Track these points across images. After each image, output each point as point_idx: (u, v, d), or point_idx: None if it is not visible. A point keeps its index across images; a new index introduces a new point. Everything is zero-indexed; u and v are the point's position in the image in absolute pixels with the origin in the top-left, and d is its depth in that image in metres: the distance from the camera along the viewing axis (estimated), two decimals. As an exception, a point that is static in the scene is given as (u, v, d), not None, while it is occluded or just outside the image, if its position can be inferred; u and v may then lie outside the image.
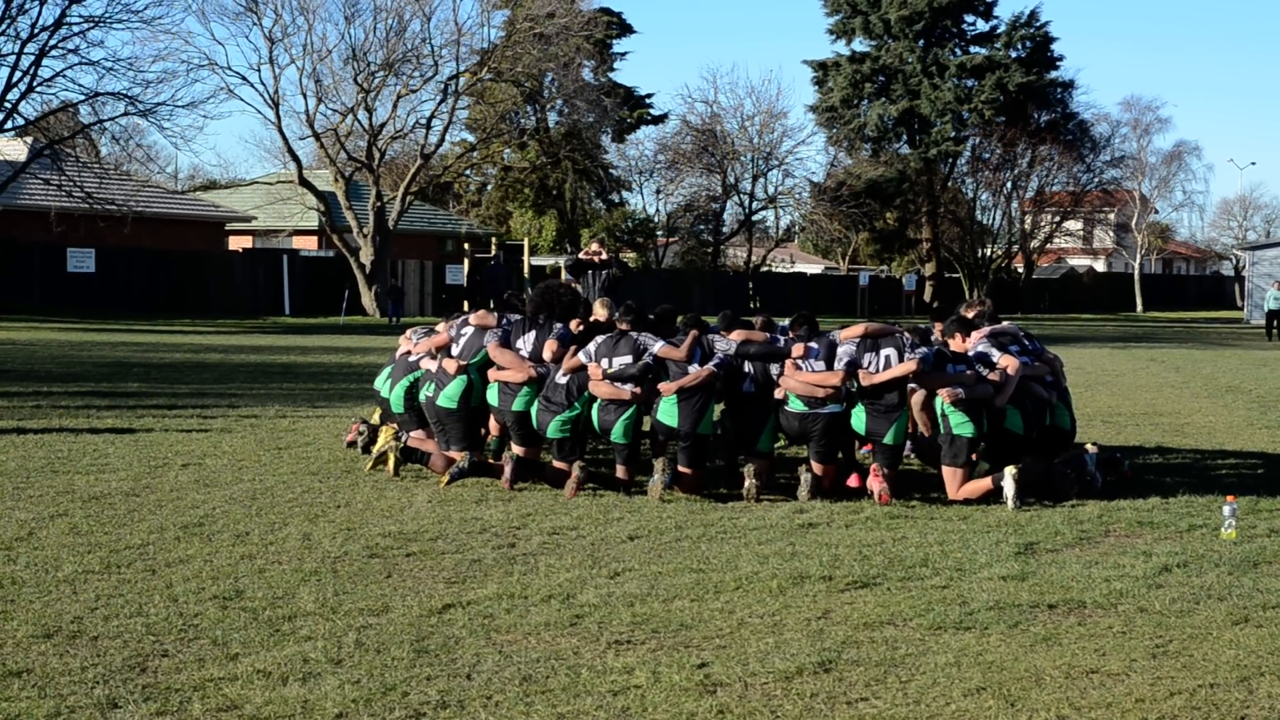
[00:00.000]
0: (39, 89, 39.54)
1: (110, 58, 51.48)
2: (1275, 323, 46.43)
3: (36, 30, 38.62)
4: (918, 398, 11.17)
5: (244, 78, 63.29)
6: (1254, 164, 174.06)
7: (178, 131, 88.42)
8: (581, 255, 15.64)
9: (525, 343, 11.79)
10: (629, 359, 11.30)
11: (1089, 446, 11.94)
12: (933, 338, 11.83)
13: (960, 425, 11.04)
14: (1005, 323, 12.69)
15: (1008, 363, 11.40)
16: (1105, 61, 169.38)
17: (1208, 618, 7.39)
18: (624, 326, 11.59)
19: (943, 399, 11.05)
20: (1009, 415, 11.35)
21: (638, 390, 11.24)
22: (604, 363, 11.32)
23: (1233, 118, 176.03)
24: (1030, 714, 5.78)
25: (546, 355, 11.62)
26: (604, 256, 15.68)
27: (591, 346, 11.47)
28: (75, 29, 39.25)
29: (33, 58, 38.56)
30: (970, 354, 11.55)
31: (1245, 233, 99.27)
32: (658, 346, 11.37)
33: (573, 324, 12.03)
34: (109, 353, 26.37)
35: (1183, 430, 16.52)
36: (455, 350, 11.96)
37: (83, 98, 40.50)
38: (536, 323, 11.92)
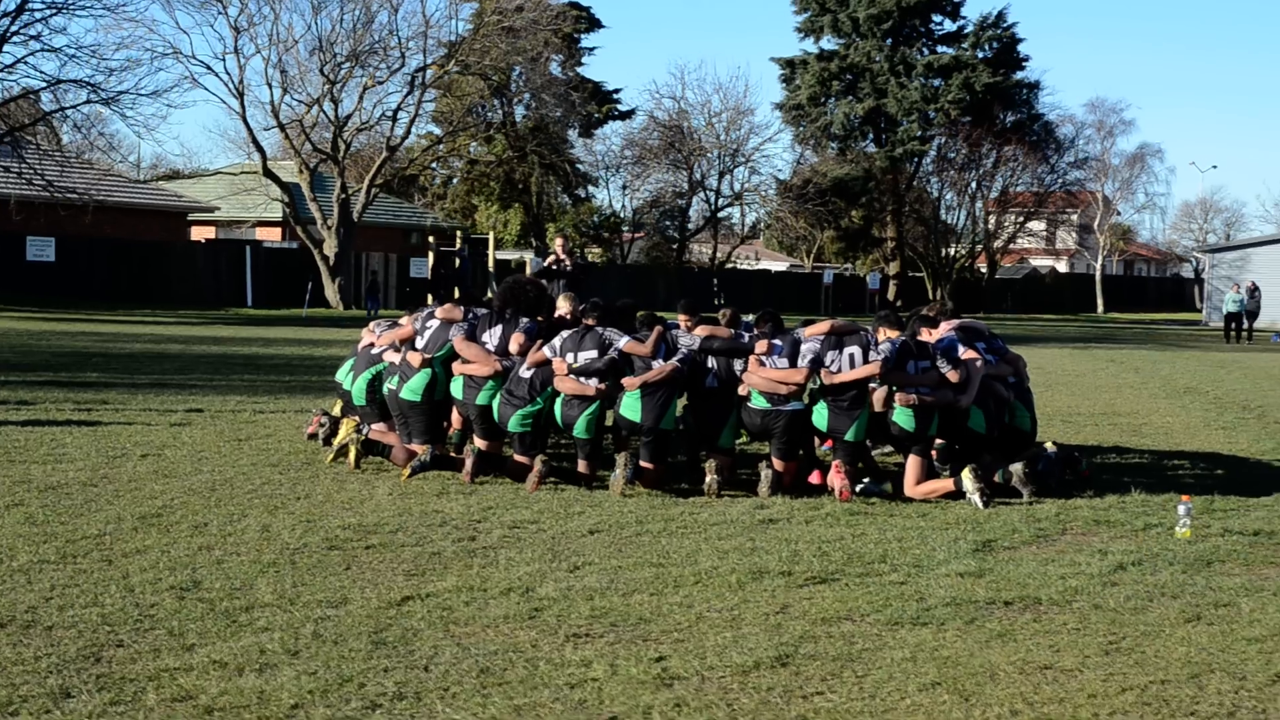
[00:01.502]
0: (-1, 76, 39.29)
1: (73, 45, 51.46)
2: (1233, 325, 46.82)
3: (-2, 15, 38.34)
4: (879, 396, 11.23)
5: (208, 67, 62.94)
6: (1215, 167, 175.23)
7: (141, 120, 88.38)
8: (546, 263, 15.59)
9: (491, 337, 11.78)
10: (594, 354, 11.31)
11: (1048, 445, 12.02)
12: (880, 337, 11.80)
13: (903, 417, 11.10)
14: (972, 319, 12.78)
15: (972, 358, 11.46)
16: (1071, 63, 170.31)
17: (1161, 615, 7.46)
18: (589, 322, 11.60)
19: (898, 402, 11.11)
20: (973, 415, 11.42)
21: (602, 386, 11.25)
22: (569, 358, 11.32)
23: (1195, 121, 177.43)
24: (984, 709, 5.82)
25: (513, 348, 11.62)
26: (566, 263, 15.68)
27: (556, 341, 11.48)
28: (37, 15, 39.02)
29: (-6, 43, 38.28)
30: (937, 344, 11.60)
31: (1205, 235, 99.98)
32: (623, 342, 11.38)
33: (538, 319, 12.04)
34: (68, 342, 26.20)
35: (1140, 430, 16.64)
36: (420, 343, 11.94)
37: (44, 85, 40.24)
38: (503, 317, 11.92)
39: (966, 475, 10.74)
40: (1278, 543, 9.57)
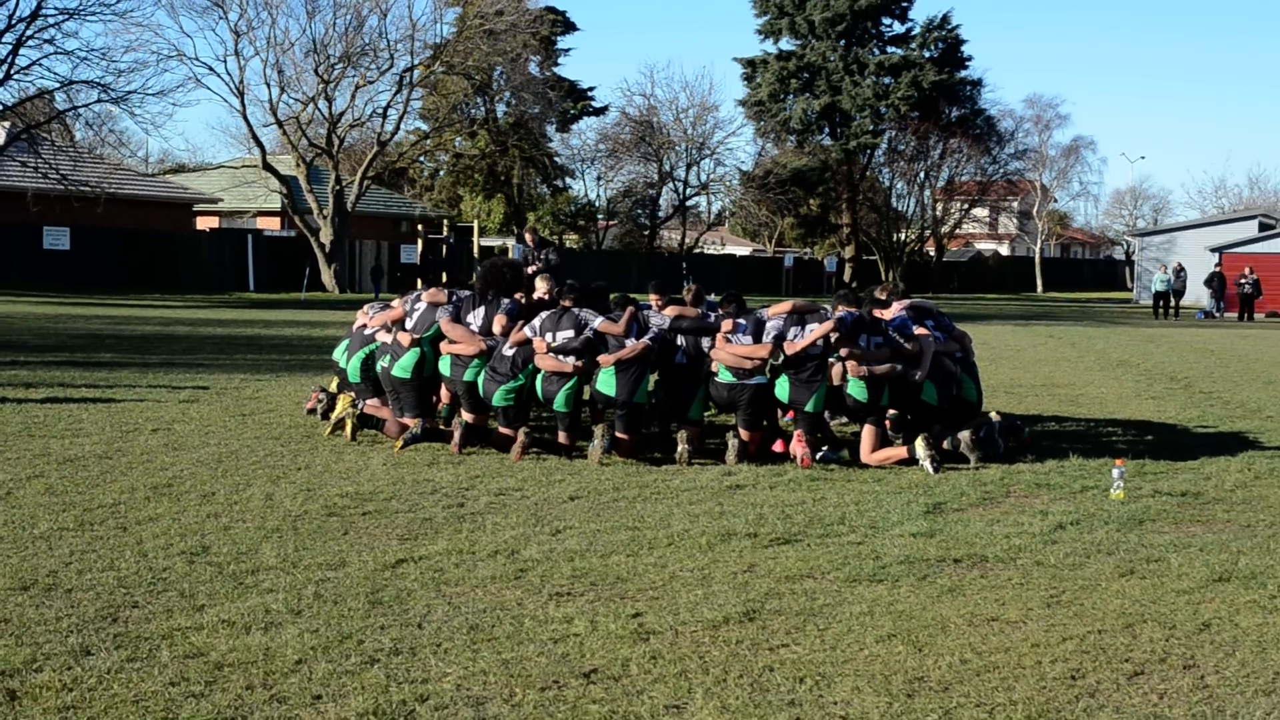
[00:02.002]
0: (16, 77, 38.93)
1: (84, 48, 50.89)
2: (1161, 303, 47.03)
3: (14, 21, 37.99)
4: (836, 370, 11.24)
5: (211, 68, 62.62)
6: (1144, 158, 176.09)
7: (148, 118, 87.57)
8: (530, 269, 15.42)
9: (475, 317, 11.75)
10: (571, 333, 11.28)
11: (993, 415, 12.06)
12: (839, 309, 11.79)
13: (856, 389, 11.13)
14: (922, 299, 12.80)
15: (924, 335, 11.50)
16: (1011, 61, 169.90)
17: (1097, 570, 7.50)
18: (566, 303, 11.57)
19: (850, 373, 11.13)
20: (925, 388, 11.45)
21: (579, 363, 11.23)
22: (548, 337, 11.29)
23: (1126, 115, 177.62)
24: (936, 658, 5.84)
25: (496, 329, 11.59)
26: (538, 257, 15.58)
27: (536, 322, 11.45)
28: (51, 20, 38.64)
29: (10, 47, 37.93)
30: (890, 323, 11.62)
31: (1135, 220, 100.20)
32: (598, 322, 11.36)
33: (518, 296, 12.01)
34: (83, 325, 26.03)
35: (1077, 400, 16.70)
36: (409, 324, 11.91)
37: (58, 85, 39.87)
38: (485, 298, 11.88)
39: (919, 443, 10.77)
40: (1204, 502, 9.62)
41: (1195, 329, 38.51)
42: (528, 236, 15.97)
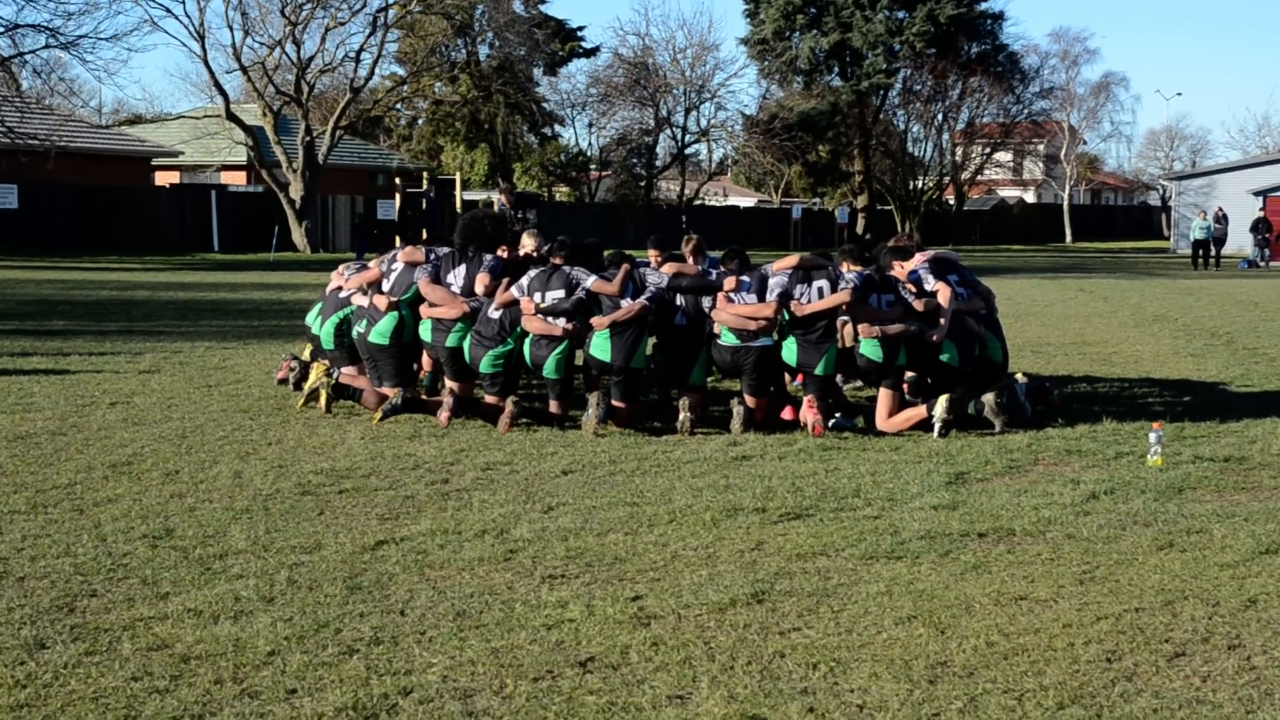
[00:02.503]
0: (-45, 22, 38.72)
1: (30, -11, 50.36)
2: (1201, 252, 47.00)
3: (-48, -39, 37.77)
4: (847, 331, 11.22)
5: (168, 10, 62.58)
6: (1180, 95, 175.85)
7: (101, 65, 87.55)
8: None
9: (456, 277, 11.70)
10: (561, 293, 11.25)
11: (1019, 376, 12.04)
12: (843, 270, 11.73)
13: (869, 348, 11.11)
14: (946, 250, 12.76)
15: (941, 291, 11.45)
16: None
17: (1133, 544, 7.49)
18: (557, 261, 11.52)
19: (861, 334, 11.11)
20: (945, 348, 11.41)
21: (570, 325, 11.19)
22: (536, 297, 11.26)
23: (1160, 49, 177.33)
24: (960, 641, 5.84)
25: (479, 289, 11.55)
26: (515, 212, 15.46)
27: (524, 280, 11.41)
28: (-7, -40, 38.42)
29: (-52, -10, 37.75)
30: (907, 277, 11.59)
31: (1171, 163, 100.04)
32: (590, 281, 11.32)
33: (501, 251, 11.92)
34: (33, 290, 25.98)
35: (1110, 359, 16.70)
36: (386, 286, 11.86)
37: (2, 30, 39.67)
38: (465, 255, 11.83)
39: (941, 401, 10.77)
40: (1248, 468, 9.62)
41: (1238, 280, 38.50)
42: (503, 197, 15.78)
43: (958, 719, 5.04)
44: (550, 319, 11.20)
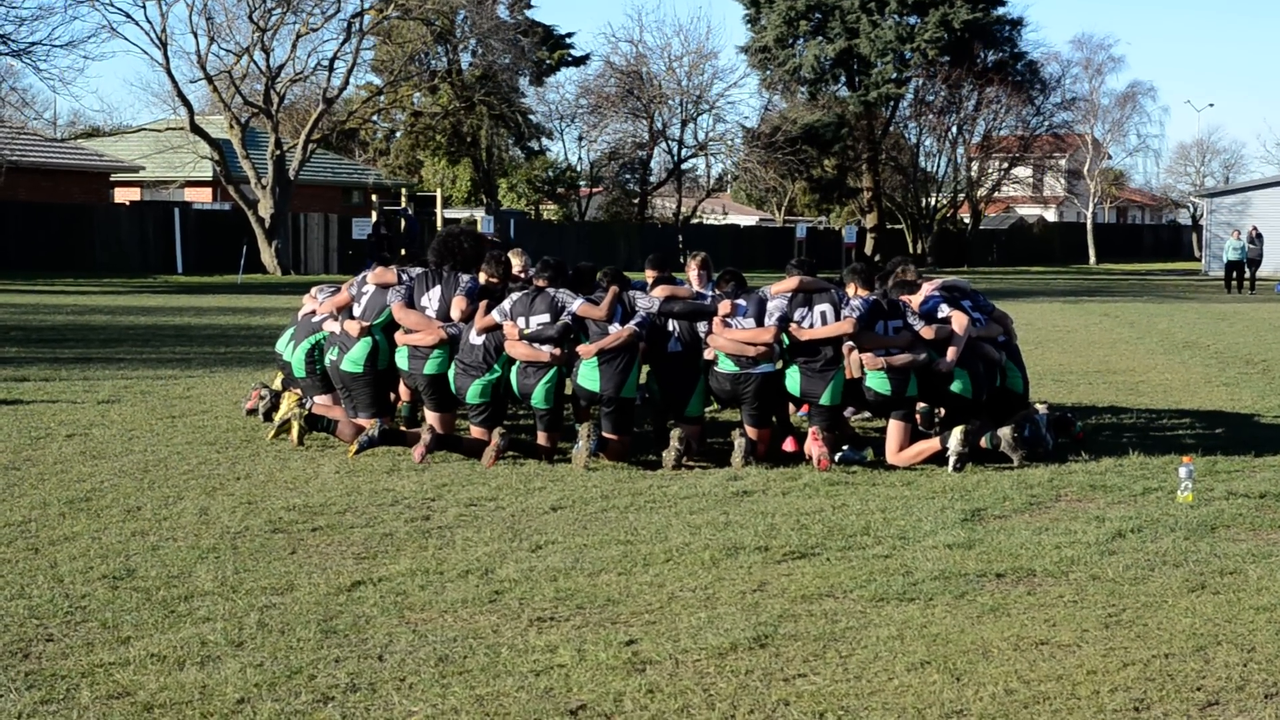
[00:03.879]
0: (-100, 28, 38.82)
1: (-21, -7, 50.49)
2: (1235, 274, 47.08)
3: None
4: (853, 360, 11.20)
5: (128, 15, 61.80)
6: (1212, 105, 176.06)
7: (56, 73, 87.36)
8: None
9: (431, 299, 11.68)
10: (546, 318, 11.26)
11: (1038, 406, 12.06)
12: (850, 293, 11.76)
13: (876, 381, 11.11)
14: (956, 277, 12.80)
15: (956, 318, 11.47)
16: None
17: (1163, 585, 7.52)
18: (540, 283, 11.54)
19: (867, 365, 11.10)
20: (957, 378, 11.41)
21: (557, 351, 11.21)
22: (520, 322, 11.27)
23: (1190, 57, 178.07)
24: (977, 688, 5.86)
25: (455, 314, 11.53)
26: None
27: (506, 304, 11.41)
28: (-60, -40, 38.53)
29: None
30: (922, 306, 11.62)
31: (1203, 179, 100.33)
32: (576, 304, 11.33)
33: (483, 275, 11.88)
34: (-16, 315, 25.99)
35: (1137, 389, 16.73)
36: (357, 311, 11.88)
37: (-50, 37, 39.77)
38: (440, 276, 11.82)
39: (955, 433, 10.79)
40: (1284, 505, 9.64)
41: (1274, 304, 38.60)
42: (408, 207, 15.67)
43: (975, 771, 5.06)
44: (536, 345, 11.21)
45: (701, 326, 11.54)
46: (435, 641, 6.39)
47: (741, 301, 11.46)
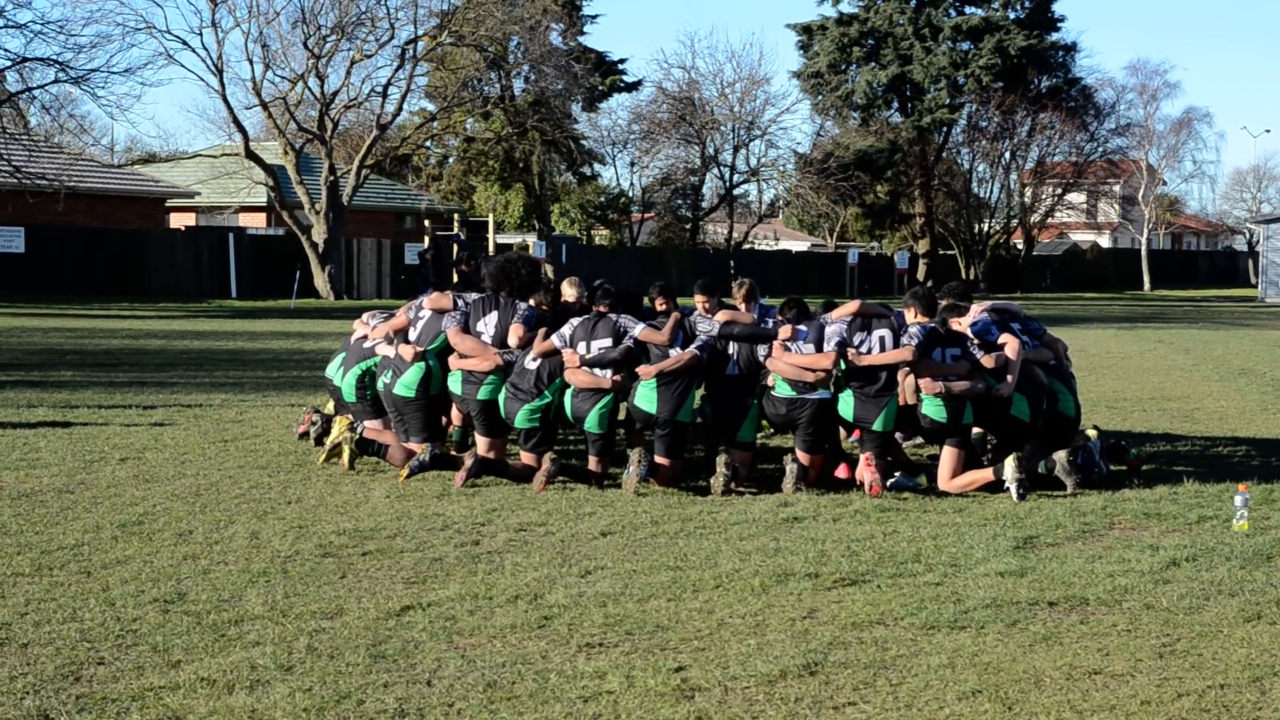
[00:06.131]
0: (-40, 55, 39.30)
1: (39, 20, 51.24)
2: (1291, 301, 46.66)
3: (-45, -9, 38.35)
4: (908, 385, 11.17)
5: (184, 42, 62.45)
6: (1269, 131, 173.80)
7: (113, 100, 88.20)
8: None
9: (487, 325, 11.72)
10: (608, 343, 11.28)
11: (1090, 432, 11.99)
12: (909, 318, 11.71)
13: (932, 408, 11.06)
14: (1006, 300, 12.73)
15: (1009, 343, 11.41)
16: (1110, 22, 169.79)
17: (1218, 615, 7.44)
18: (601, 309, 11.55)
19: (923, 389, 11.05)
20: (1015, 402, 11.36)
21: (617, 377, 11.21)
22: (581, 347, 11.28)
23: (1246, 82, 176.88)
24: (1029, 718, 5.81)
25: (512, 342, 11.55)
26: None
27: (566, 330, 11.43)
28: (-1, -11, 38.99)
29: (-48, 21, 38.32)
30: (972, 327, 11.57)
31: (1259, 205, 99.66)
32: (638, 329, 11.35)
33: (535, 301, 11.91)
34: (40, 339, 26.24)
35: (1192, 416, 16.60)
36: (412, 335, 11.92)
37: (9, 64, 40.22)
38: (496, 302, 11.85)
39: (1009, 463, 10.72)
40: (1342, 534, 9.53)
41: (1330, 331, 38.22)
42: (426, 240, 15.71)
43: (1026, 802, 5.01)
44: (597, 371, 11.22)
45: (760, 351, 11.53)
46: (484, 667, 6.39)
47: (802, 327, 11.44)
